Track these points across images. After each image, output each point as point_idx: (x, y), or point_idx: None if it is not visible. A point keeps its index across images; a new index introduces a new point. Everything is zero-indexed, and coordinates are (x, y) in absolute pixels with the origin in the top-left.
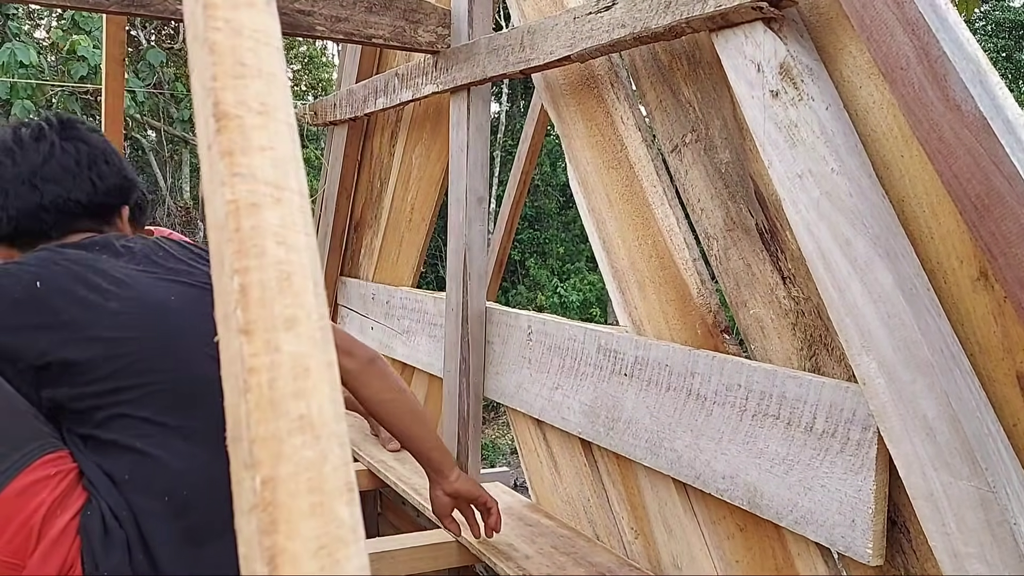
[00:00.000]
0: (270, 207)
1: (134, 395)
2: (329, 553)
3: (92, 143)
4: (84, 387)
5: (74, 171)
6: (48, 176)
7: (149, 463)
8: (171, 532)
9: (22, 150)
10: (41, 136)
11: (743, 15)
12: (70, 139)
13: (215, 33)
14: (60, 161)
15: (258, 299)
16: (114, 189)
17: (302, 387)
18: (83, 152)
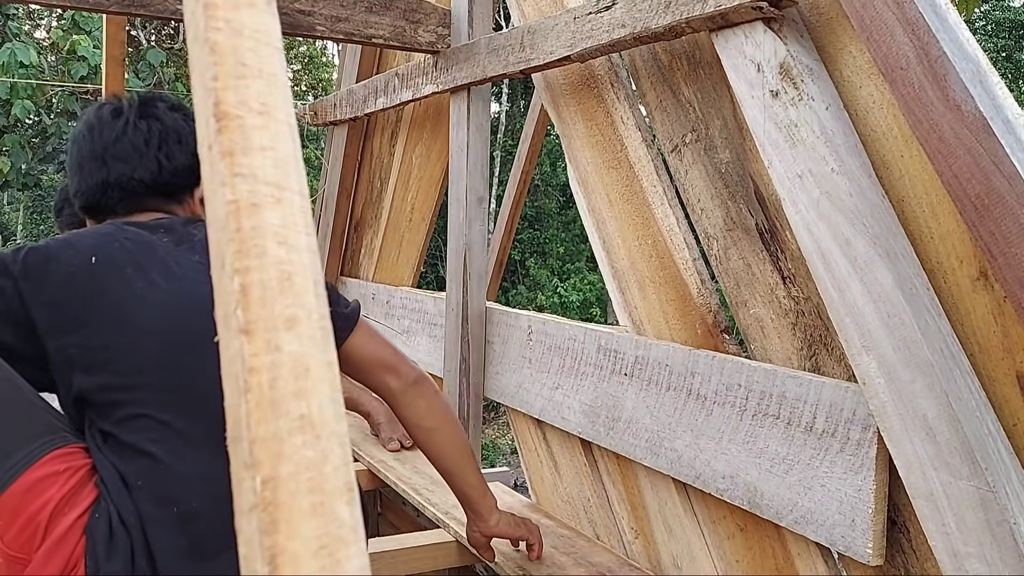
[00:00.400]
0: (271, 207)
1: (155, 395)
2: (329, 553)
3: (166, 122)
4: (111, 377)
5: (142, 150)
6: (117, 154)
7: (162, 471)
8: (177, 542)
9: (100, 127)
10: (118, 114)
11: (743, 15)
12: (145, 117)
13: (216, 33)
14: (131, 139)
15: (258, 299)
16: (183, 169)
17: (302, 387)
18: (155, 131)
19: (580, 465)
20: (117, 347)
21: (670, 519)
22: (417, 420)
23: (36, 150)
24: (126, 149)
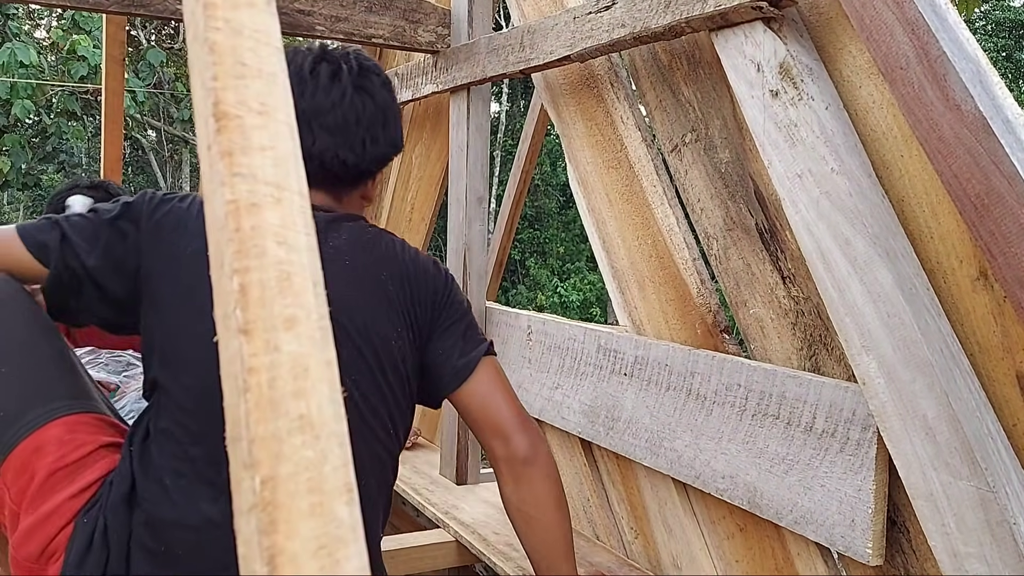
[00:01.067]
0: (270, 207)
1: (192, 427)
2: (329, 553)
3: (378, 101)
4: (172, 382)
5: (352, 128)
6: (327, 125)
7: (168, 506)
8: (156, 572)
9: (314, 86)
10: (336, 78)
11: (743, 15)
12: (360, 90)
13: (215, 33)
14: (344, 113)
15: (258, 299)
16: (379, 159)
17: (302, 387)
18: (367, 109)
19: (580, 465)
20: (183, 357)
21: (670, 519)
22: (518, 503)
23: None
24: (338, 122)
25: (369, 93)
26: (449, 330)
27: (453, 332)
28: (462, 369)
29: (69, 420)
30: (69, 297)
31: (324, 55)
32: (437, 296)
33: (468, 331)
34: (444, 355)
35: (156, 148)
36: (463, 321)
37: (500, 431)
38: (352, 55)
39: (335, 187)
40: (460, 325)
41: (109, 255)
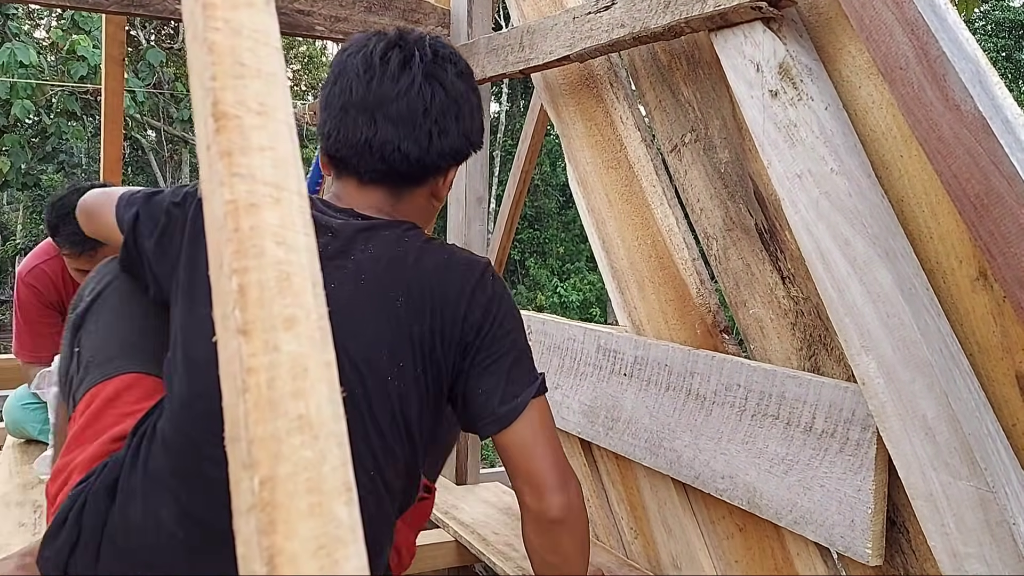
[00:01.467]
0: (269, 207)
1: (178, 438)
2: (328, 553)
3: (451, 92)
4: (177, 386)
5: (418, 120)
6: (391, 115)
7: (134, 507)
8: (118, 571)
9: (381, 74)
10: (407, 67)
11: (742, 15)
12: (431, 79)
13: (214, 33)
14: (410, 103)
15: (257, 299)
16: (449, 152)
17: (301, 387)
18: (438, 99)
19: (579, 465)
20: (178, 362)
21: (669, 519)
22: (540, 551)
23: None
24: (402, 113)
25: (440, 82)
26: (489, 369)
27: (495, 371)
28: (503, 417)
29: (135, 378)
30: (135, 270)
31: (399, 40)
32: (473, 329)
33: (514, 368)
34: (484, 397)
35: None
36: (509, 356)
37: (536, 486)
38: (429, 41)
39: (396, 184)
40: (505, 361)
41: (162, 239)
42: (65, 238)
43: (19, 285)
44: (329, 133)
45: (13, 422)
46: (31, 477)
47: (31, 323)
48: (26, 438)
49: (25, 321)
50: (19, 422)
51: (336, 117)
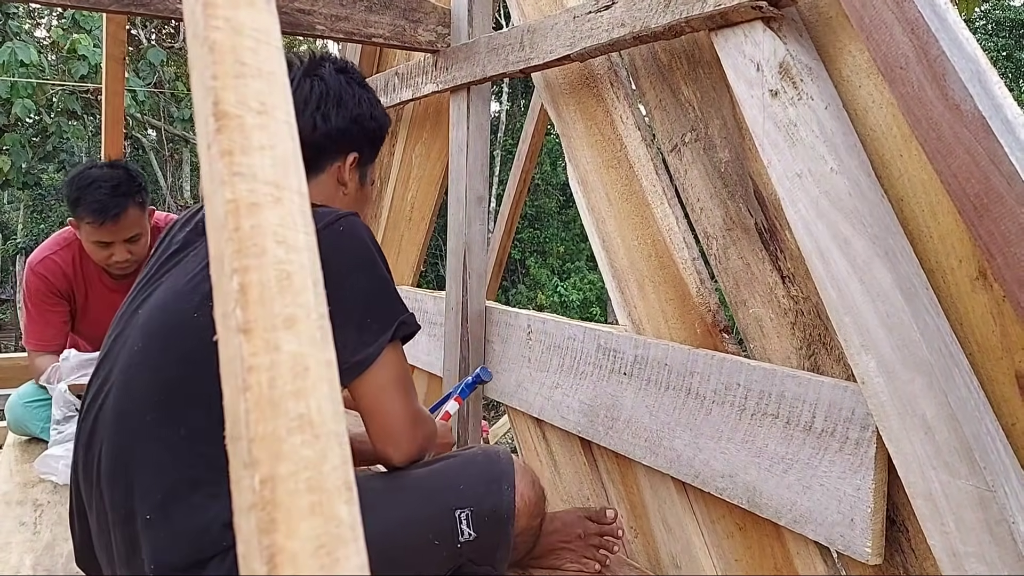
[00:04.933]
0: (270, 206)
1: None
2: (328, 552)
3: (329, 83)
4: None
5: (299, 109)
6: None
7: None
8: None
9: None
10: (290, 72)
11: (742, 14)
12: (309, 76)
13: (215, 32)
14: (295, 99)
15: (257, 298)
16: (335, 132)
17: (301, 386)
18: (316, 91)
19: (579, 464)
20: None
21: (669, 518)
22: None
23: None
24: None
25: (320, 77)
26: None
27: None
28: (355, 366)
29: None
30: None
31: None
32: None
33: (382, 314)
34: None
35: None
36: (378, 302)
37: (391, 435)
38: (312, 53)
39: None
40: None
41: None
42: (87, 207)
43: (28, 275)
44: None
45: (15, 420)
46: (32, 476)
47: (41, 312)
48: (28, 436)
49: (35, 310)
50: (21, 420)
51: None
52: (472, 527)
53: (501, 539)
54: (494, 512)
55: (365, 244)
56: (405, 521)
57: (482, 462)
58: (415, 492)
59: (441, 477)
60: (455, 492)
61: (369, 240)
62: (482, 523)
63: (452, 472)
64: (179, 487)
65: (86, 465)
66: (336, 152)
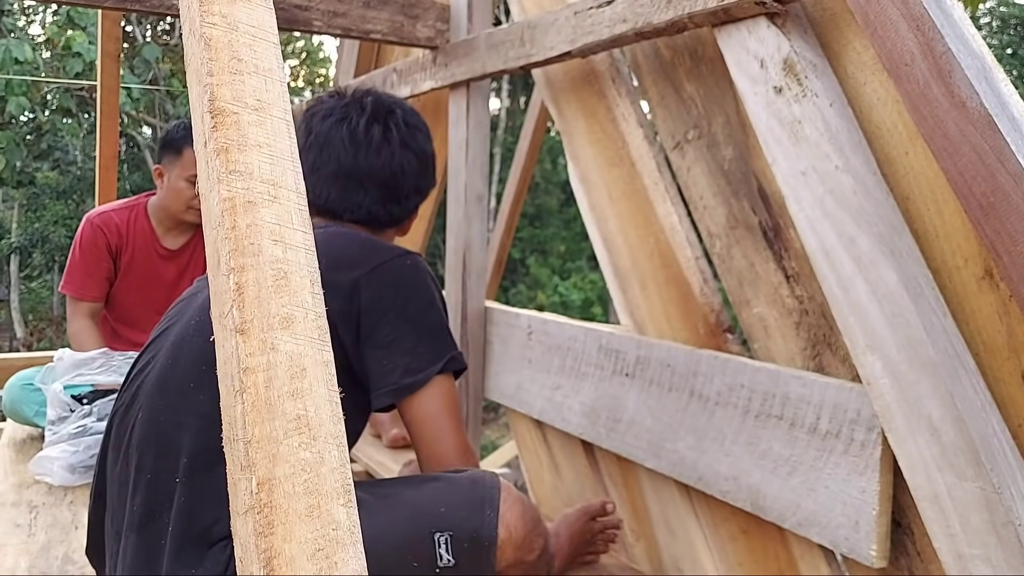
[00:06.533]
0: (266, 205)
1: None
2: (326, 556)
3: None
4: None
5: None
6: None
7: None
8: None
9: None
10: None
11: (746, 10)
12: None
13: (211, 28)
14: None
15: (254, 298)
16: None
17: (299, 387)
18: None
19: (581, 467)
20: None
21: (672, 521)
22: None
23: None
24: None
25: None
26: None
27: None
28: (403, 388)
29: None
30: None
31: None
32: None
33: (436, 343)
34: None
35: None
36: (434, 333)
37: (440, 462)
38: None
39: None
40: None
41: None
42: (191, 139)
43: (85, 225)
44: (319, 193)
45: (11, 401)
46: (27, 477)
47: (87, 262)
48: (21, 419)
49: (82, 258)
50: (16, 401)
51: (327, 180)
52: (451, 552)
53: (483, 568)
54: (474, 539)
55: (427, 281)
56: (384, 538)
57: (466, 485)
58: (397, 509)
59: (424, 497)
60: (435, 515)
61: (432, 278)
62: (461, 549)
63: (436, 493)
64: (207, 455)
65: (118, 436)
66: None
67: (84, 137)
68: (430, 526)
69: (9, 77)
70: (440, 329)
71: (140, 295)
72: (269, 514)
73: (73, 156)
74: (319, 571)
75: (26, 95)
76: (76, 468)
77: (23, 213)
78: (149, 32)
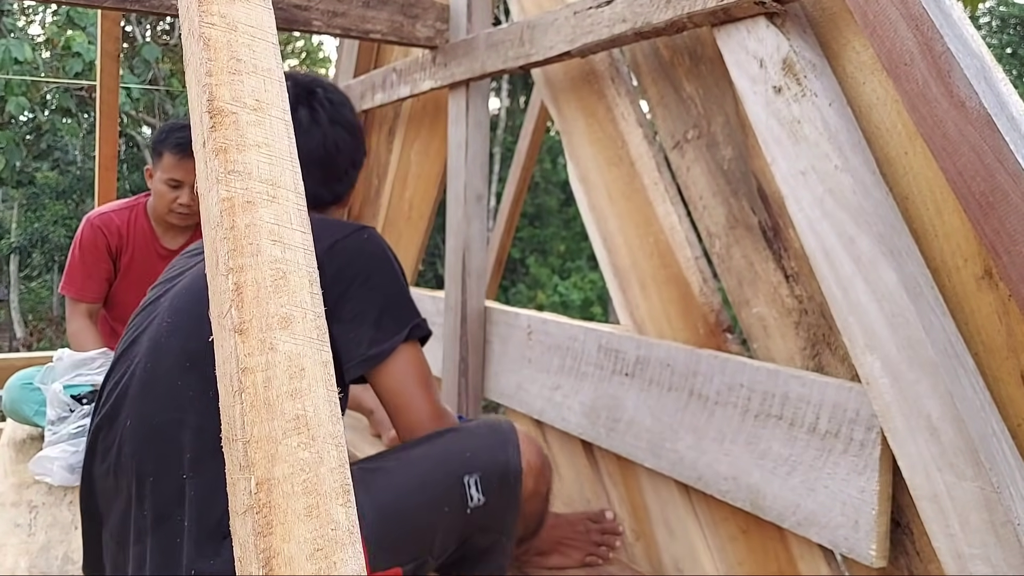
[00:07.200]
0: (265, 205)
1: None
2: (325, 556)
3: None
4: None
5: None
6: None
7: None
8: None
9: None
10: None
11: (745, 10)
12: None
13: (210, 28)
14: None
15: (253, 298)
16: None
17: (298, 387)
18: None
19: (580, 466)
20: None
21: (672, 521)
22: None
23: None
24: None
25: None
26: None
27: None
28: (372, 358)
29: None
30: None
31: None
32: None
33: (399, 312)
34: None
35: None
36: (395, 302)
37: (410, 426)
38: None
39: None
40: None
41: None
42: (172, 141)
43: (85, 225)
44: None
45: (11, 400)
46: (27, 477)
47: (87, 263)
48: (21, 419)
49: (82, 259)
50: (16, 401)
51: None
52: (481, 491)
53: (510, 502)
54: (502, 475)
55: (386, 252)
56: (416, 491)
57: (486, 431)
58: (423, 463)
59: (447, 447)
60: (462, 460)
61: (389, 250)
62: (491, 487)
63: (457, 442)
64: (210, 446)
65: (104, 450)
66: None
67: (84, 137)
68: (459, 471)
69: (9, 77)
70: (403, 298)
71: (140, 295)
72: (268, 514)
73: (73, 156)
74: (318, 571)
75: (26, 95)
76: (76, 468)
77: (23, 213)
78: (149, 32)
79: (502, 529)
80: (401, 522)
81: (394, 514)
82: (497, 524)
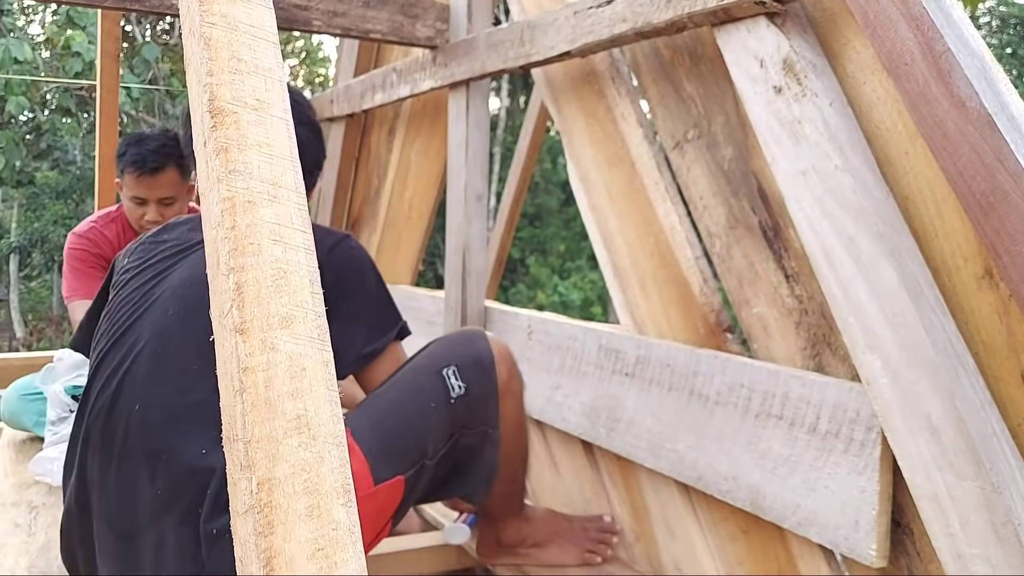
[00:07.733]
0: (266, 204)
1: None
2: (326, 555)
3: None
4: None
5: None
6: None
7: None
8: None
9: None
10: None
11: (746, 10)
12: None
13: (211, 28)
14: None
15: (254, 298)
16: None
17: (299, 387)
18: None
19: (580, 466)
20: None
21: (672, 521)
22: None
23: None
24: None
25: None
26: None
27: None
28: (365, 356)
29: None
30: None
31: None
32: None
33: (382, 313)
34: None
35: None
36: (377, 303)
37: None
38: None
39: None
40: None
41: None
42: (130, 158)
43: (72, 240)
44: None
45: (10, 412)
46: (27, 477)
47: (82, 270)
48: (21, 429)
49: (77, 267)
50: (16, 413)
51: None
52: (460, 379)
53: (488, 388)
54: (476, 361)
55: (370, 260)
56: (404, 401)
57: (456, 335)
58: (407, 376)
59: (423, 356)
60: (438, 357)
61: (370, 258)
62: (468, 374)
63: (431, 350)
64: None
65: (105, 437)
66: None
67: (84, 137)
68: (438, 367)
69: (9, 77)
70: (389, 301)
71: None
72: (269, 514)
73: (73, 156)
74: (319, 571)
75: (26, 95)
76: None
77: (23, 213)
78: (149, 32)
79: (485, 418)
80: (397, 432)
81: (389, 426)
82: (480, 413)
